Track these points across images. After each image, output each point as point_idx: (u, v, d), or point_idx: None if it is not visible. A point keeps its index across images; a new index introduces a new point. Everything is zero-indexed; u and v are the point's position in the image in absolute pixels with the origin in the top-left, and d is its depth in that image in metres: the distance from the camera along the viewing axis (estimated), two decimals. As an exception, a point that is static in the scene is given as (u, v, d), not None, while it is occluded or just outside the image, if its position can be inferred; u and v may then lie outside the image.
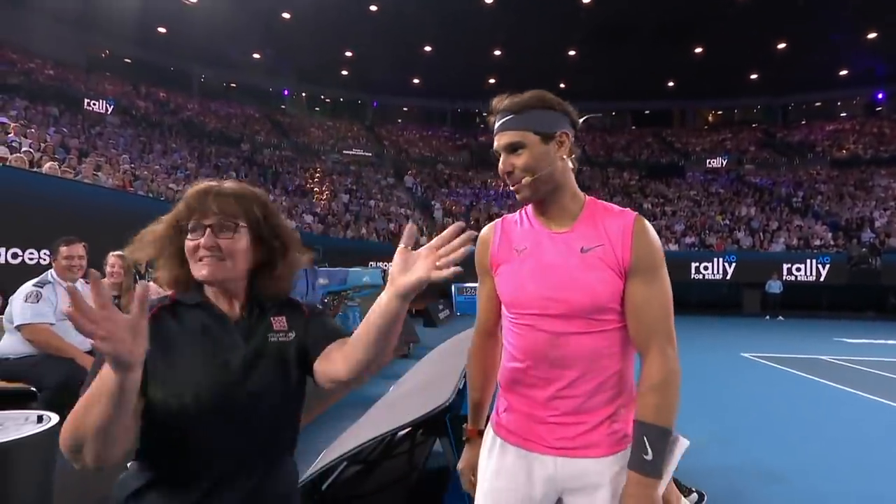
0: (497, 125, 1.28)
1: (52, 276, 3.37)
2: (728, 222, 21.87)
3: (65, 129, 13.60)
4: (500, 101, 1.28)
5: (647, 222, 1.27)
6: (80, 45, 23.81)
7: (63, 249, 3.35)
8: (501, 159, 1.28)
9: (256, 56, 27.56)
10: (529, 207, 1.36)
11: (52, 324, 3.19)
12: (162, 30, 24.21)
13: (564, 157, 1.26)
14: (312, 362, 1.17)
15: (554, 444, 1.24)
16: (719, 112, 33.77)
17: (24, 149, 8.21)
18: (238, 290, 1.18)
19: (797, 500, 3.36)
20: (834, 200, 22.65)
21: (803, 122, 30.54)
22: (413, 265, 0.99)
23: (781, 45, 24.39)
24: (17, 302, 3.15)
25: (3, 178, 5.69)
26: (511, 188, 1.29)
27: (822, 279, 17.77)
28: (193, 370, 1.08)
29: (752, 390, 6.76)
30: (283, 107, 32.12)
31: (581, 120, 1.30)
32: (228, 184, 1.19)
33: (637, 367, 1.29)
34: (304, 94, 32.40)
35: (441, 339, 8.96)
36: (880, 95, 29.30)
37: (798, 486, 3.59)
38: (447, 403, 1.75)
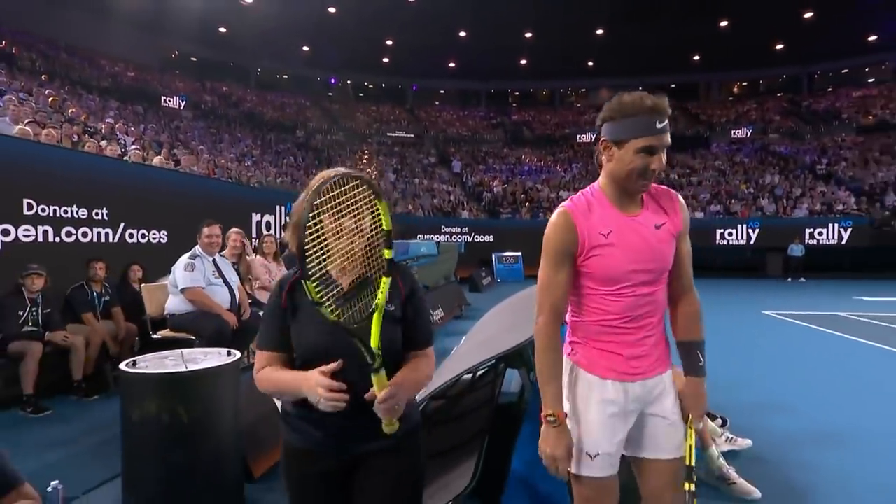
0: (661, 124, 1.31)
1: (198, 250, 3.99)
2: (752, 190, 21.36)
3: (153, 126, 14.49)
4: (652, 103, 1.30)
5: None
6: (154, 48, 24.79)
7: (205, 230, 3.96)
8: (659, 158, 1.32)
9: (305, 48, 28.01)
10: (596, 193, 1.44)
11: (203, 287, 3.82)
12: (222, 29, 24.91)
13: None
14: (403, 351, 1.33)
15: (643, 371, 1.44)
16: (744, 83, 32.39)
17: (132, 147, 8.97)
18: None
19: (802, 426, 3.74)
20: (859, 166, 21.74)
21: (829, 90, 29.02)
22: None
23: (808, 14, 23.15)
24: (179, 271, 3.78)
25: (128, 173, 6.36)
26: (643, 179, 1.34)
27: (843, 242, 17.34)
28: (315, 328, 1.24)
29: (772, 342, 7.02)
30: (330, 94, 32.62)
31: None
32: (341, 170, 1.22)
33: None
34: (349, 82, 32.77)
35: (486, 302, 9.49)
36: (910, 60, 27.51)
37: (804, 415, 3.98)
38: (535, 336, 2.21)
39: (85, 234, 5.32)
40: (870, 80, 28.69)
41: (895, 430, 3.62)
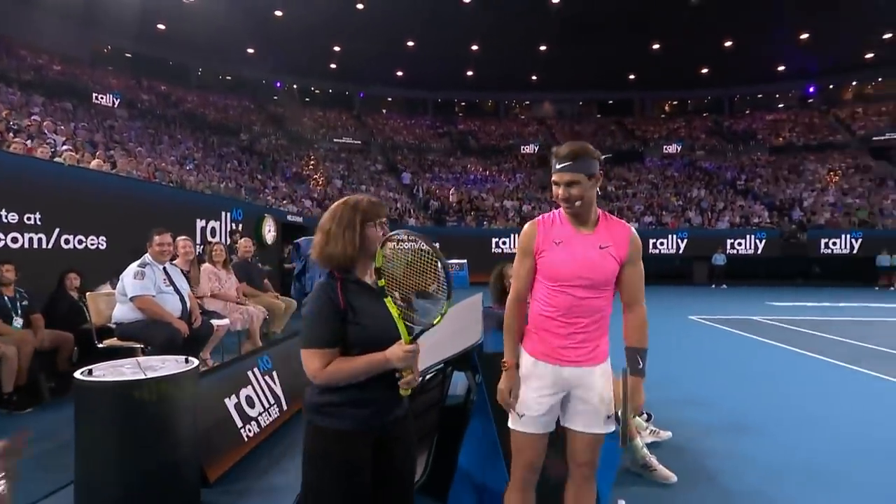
0: (560, 166, 1.76)
1: (148, 258, 3.94)
2: (681, 203, 22.89)
3: (84, 124, 13.66)
4: (561, 150, 1.78)
5: (634, 230, 1.87)
6: (84, 41, 23.29)
7: (156, 238, 3.92)
8: (563, 189, 1.76)
9: (250, 51, 27.29)
10: (561, 215, 1.86)
11: (153, 295, 3.78)
12: (161, 26, 23.82)
13: (597, 188, 1.83)
14: None
15: (572, 360, 1.82)
16: (674, 102, 34.48)
17: (63, 147, 8.50)
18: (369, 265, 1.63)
19: (716, 418, 4.20)
20: (771, 183, 23.85)
21: (747, 112, 31.62)
22: None
23: (728, 43, 25.23)
24: (128, 279, 3.73)
25: (63, 175, 6.05)
26: (563, 203, 1.79)
27: (759, 252, 18.98)
28: (375, 323, 1.54)
29: (695, 344, 7.69)
30: (275, 98, 31.88)
31: (602, 158, 1.89)
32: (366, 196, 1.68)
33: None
34: (295, 87, 32.16)
35: (433, 309, 9.70)
36: (811, 89, 30.56)
37: (718, 408, 4.45)
38: (481, 341, 2.44)
39: (15, 240, 5.05)
40: (780, 106, 31.60)
41: (792, 418, 4.15)
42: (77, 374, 2.38)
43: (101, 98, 19.06)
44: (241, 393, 3.53)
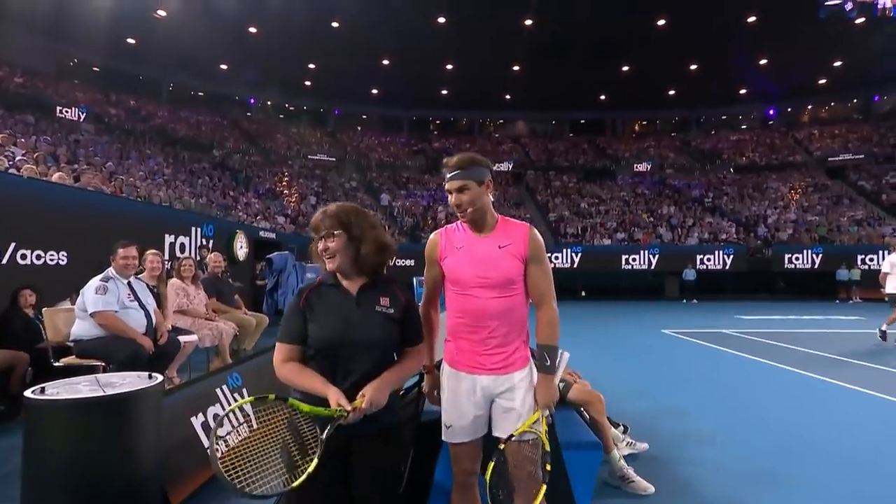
0: (450, 175, 1.85)
1: (111, 272, 3.78)
2: (652, 220, 23.43)
3: (46, 138, 13.21)
4: (450, 161, 1.86)
5: (535, 230, 1.90)
6: (49, 54, 22.69)
7: (120, 251, 3.76)
8: (454, 196, 1.84)
9: (223, 67, 27.07)
10: (462, 223, 1.94)
11: (116, 311, 3.62)
12: (131, 40, 23.44)
13: (489, 194, 1.88)
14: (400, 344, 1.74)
15: (488, 367, 1.82)
16: (644, 122, 35.57)
17: (18, 158, 8.19)
18: (352, 273, 1.72)
19: (690, 428, 4.23)
20: (737, 200, 24.67)
21: (712, 133, 32.84)
22: None
23: (693, 66, 26.28)
24: (89, 294, 3.56)
25: (21, 187, 5.82)
26: (456, 210, 1.86)
27: (727, 267, 19.50)
28: (330, 323, 1.65)
29: (669, 357, 7.77)
30: (248, 114, 31.60)
31: (493, 168, 1.97)
32: (331, 206, 1.73)
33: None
34: (269, 103, 31.96)
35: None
36: (771, 111, 32.02)
37: (692, 418, 4.49)
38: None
39: (-34, 256, 4.82)
40: (742, 127, 32.94)
41: (759, 426, 4.21)
42: (27, 393, 2.23)
43: (66, 112, 18.53)
44: (208, 411, 3.39)
